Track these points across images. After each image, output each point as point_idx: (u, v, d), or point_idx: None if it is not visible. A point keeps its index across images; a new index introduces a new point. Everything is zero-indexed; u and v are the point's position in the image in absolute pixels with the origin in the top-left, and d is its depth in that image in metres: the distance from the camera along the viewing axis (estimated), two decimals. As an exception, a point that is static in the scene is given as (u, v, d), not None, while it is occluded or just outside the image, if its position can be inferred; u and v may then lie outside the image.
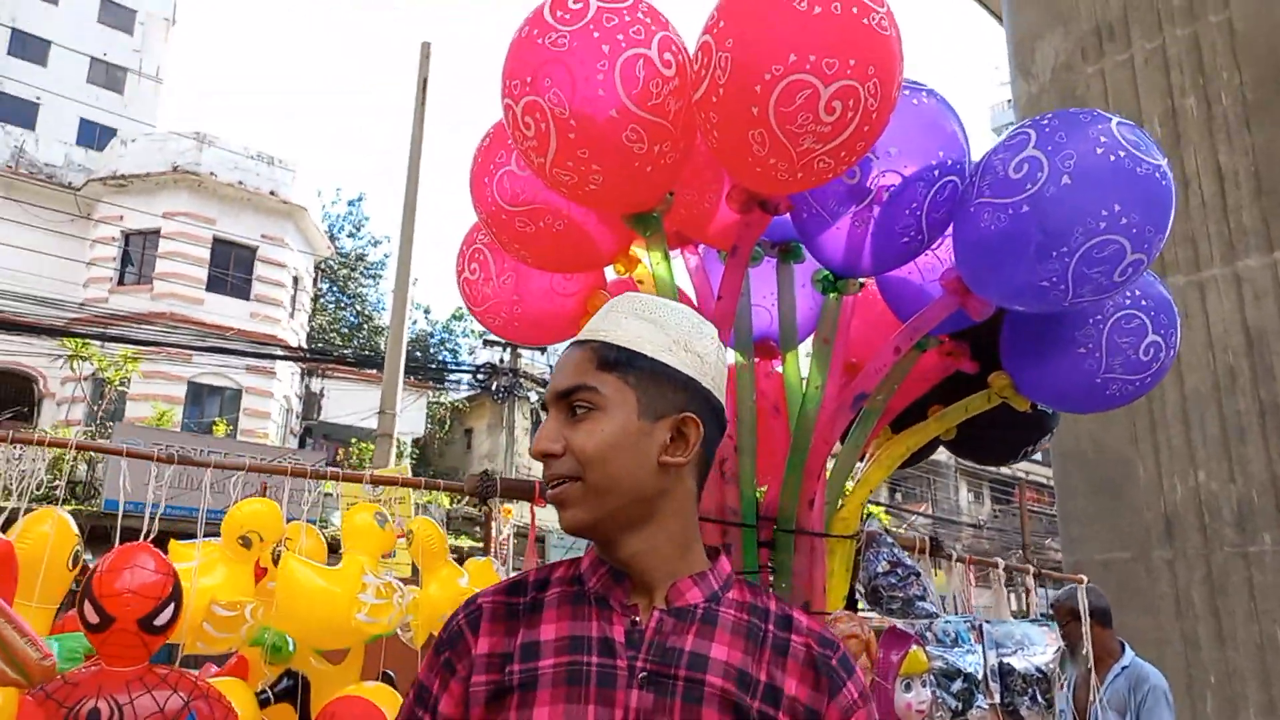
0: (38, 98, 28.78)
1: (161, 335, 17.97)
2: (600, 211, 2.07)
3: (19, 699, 1.34)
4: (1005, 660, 2.60)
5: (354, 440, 20.87)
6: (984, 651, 2.51)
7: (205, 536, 1.83)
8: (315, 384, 23.82)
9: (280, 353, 20.15)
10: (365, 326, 32.99)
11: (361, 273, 34.53)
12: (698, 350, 1.17)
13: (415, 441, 24.52)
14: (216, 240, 21.17)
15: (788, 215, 2.12)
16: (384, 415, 12.34)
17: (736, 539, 2.06)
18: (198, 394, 19.96)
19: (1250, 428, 5.89)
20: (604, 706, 1.03)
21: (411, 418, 22.50)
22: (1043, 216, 1.85)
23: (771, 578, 2.10)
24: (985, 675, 2.49)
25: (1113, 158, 1.84)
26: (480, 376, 20.55)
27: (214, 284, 20.77)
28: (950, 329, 2.27)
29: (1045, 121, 1.94)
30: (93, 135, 27.97)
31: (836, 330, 2.18)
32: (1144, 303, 2.15)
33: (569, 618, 1.11)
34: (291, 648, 1.74)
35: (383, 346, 21.35)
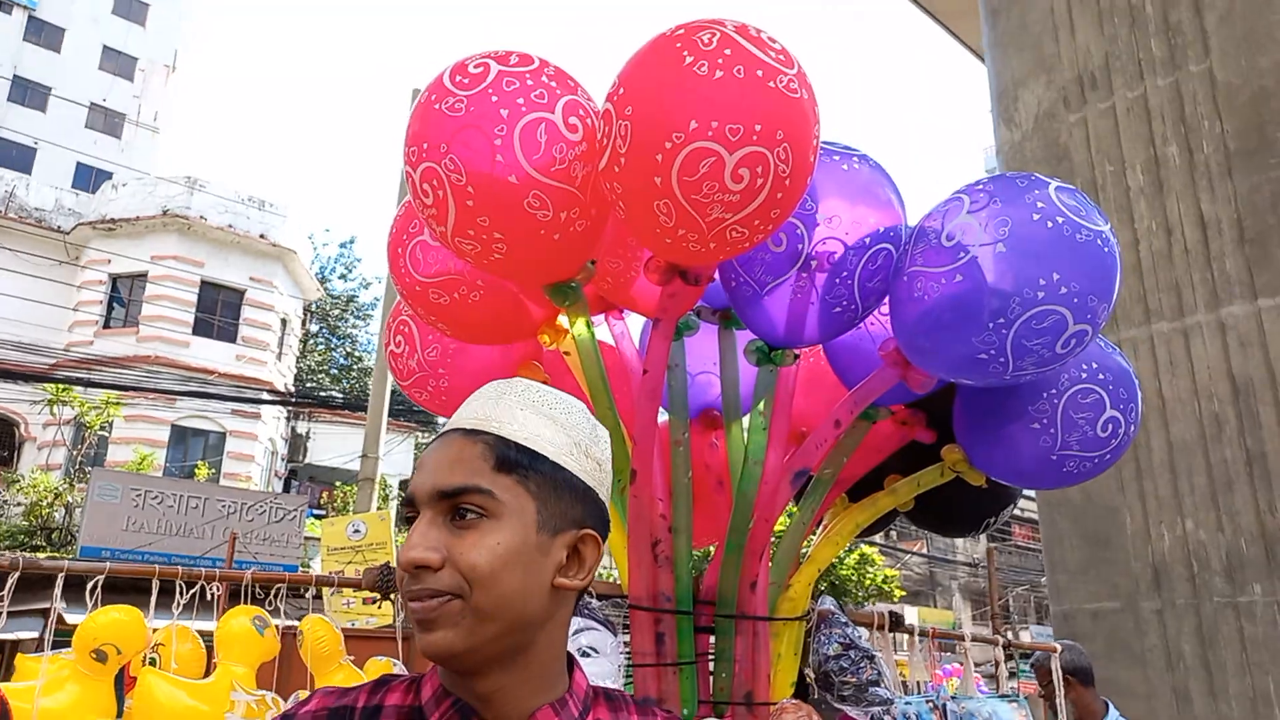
0: (35, 143, 28.95)
1: (145, 379, 17.82)
2: (517, 282, 1.96)
3: None
4: (971, 742, 2.46)
5: (339, 483, 20.64)
6: (947, 734, 2.37)
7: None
8: (301, 426, 23.63)
9: (266, 396, 20.00)
10: (355, 367, 32.86)
11: (353, 314, 34.48)
12: (597, 457, 1.02)
13: (401, 484, 24.29)
14: (205, 283, 21.11)
15: (726, 290, 2.02)
16: (366, 459, 12.18)
17: (671, 628, 1.92)
18: (181, 437, 19.76)
19: (1238, 477, 5.79)
20: None
21: (399, 459, 22.27)
22: (977, 286, 1.75)
23: (711, 666, 1.97)
24: (949, 759, 2.35)
25: (1050, 224, 1.75)
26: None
27: (200, 327, 20.67)
28: (902, 399, 2.16)
29: (980, 187, 1.85)
30: (88, 179, 28.09)
31: (774, 402, 2.06)
32: (1101, 376, 2.04)
33: None
34: (162, 767, 1.61)
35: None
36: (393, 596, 1.82)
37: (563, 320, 2.11)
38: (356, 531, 10.69)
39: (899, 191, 1.99)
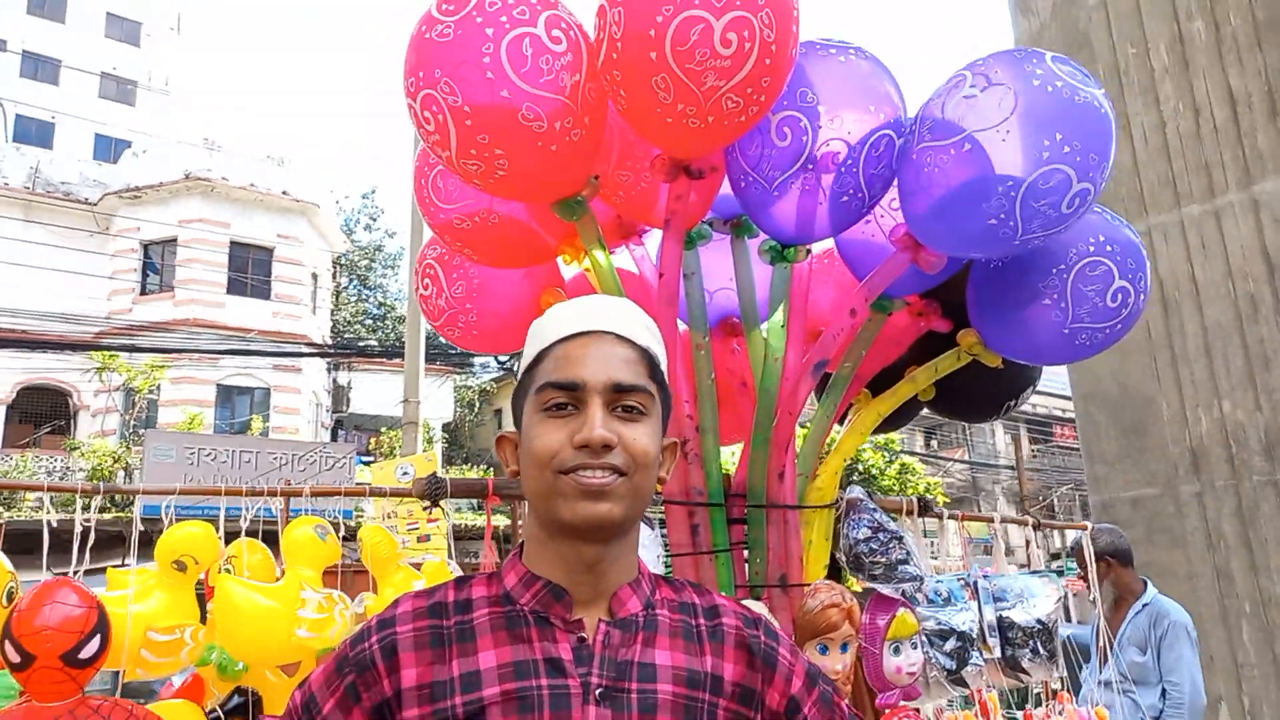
0: (52, 117, 29.08)
1: (186, 341, 18.21)
2: (526, 200, 2.03)
3: (-48, 739, 1.34)
4: (1005, 614, 2.56)
5: (384, 429, 21.08)
6: (979, 607, 2.46)
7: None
8: (342, 377, 24.05)
9: (304, 349, 20.34)
10: (389, 316, 33.20)
11: (381, 264, 34.71)
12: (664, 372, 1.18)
13: (445, 426, 24.73)
14: (233, 243, 21.36)
15: (735, 192, 2.07)
16: (408, 404, 12.43)
17: (704, 519, 2.02)
18: (227, 395, 20.25)
19: (1275, 355, 5.75)
20: None
21: (439, 403, 22.65)
22: (985, 152, 1.80)
23: (746, 554, 2.07)
24: (982, 630, 2.45)
25: (1050, 89, 1.81)
26: (504, 359, 20.61)
27: (234, 287, 21.00)
28: (916, 289, 2.21)
29: (980, 63, 1.88)
30: (108, 149, 28.25)
31: (791, 300, 2.12)
32: (1109, 248, 2.07)
33: (507, 641, 1.06)
34: (241, 666, 1.74)
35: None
36: (442, 504, 1.93)
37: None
38: (405, 474, 11.01)
39: (896, 82, 2.02)
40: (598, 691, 1.03)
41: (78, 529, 1.78)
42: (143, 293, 21.00)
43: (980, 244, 1.91)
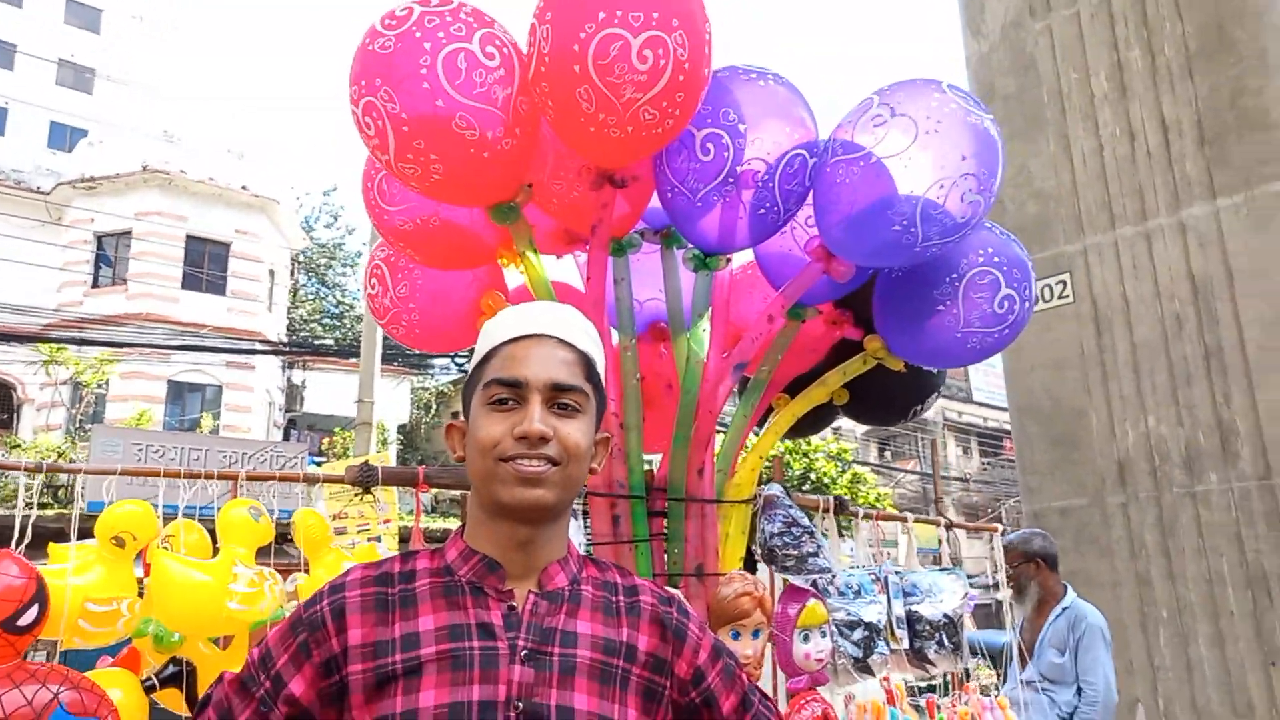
0: (6, 103, 28.45)
1: (137, 336, 17.94)
2: (460, 204, 2.15)
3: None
4: (913, 608, 2.71)
5: (338, 429, 20.94)
6: (889, 601, 2.62)
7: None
8: (297, 376, 23.83)
9: (258, 346, 20.14)
10: (346, 315, 32.93)
11: (340, 262, 34.43)
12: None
13: (400, 428, 24.59)
14: (190, 238, 21.08)
15: (663, 203, 2.20)
16: (362, 404, 12.39)
17: (626, 511, 2.15)
18: (178, 392, 19.97)
19: (1196, 372, 6.01)
20: (488, 684, 1.13)
21: (395, 404, 22.53)
22: (889, 170, 1.98)
23: (665, 544, 2.19)
24: (890, 622, 2.60)
25: (948, 109, 2.01)
26: (461, 360, 20.58)
27: (189, 281, 20.72)
28: (829, 298, 2.36)
29: (887, 89, 2.06)
30: (63, 138, 27.71)
31: (712, 306, 2.26)
32: (996, 259, 2.26)
33: (445, 608, 1.18)
34: (177, 638, 1.83)
35: (363, 335, 21.30)
36: (374, 492, 2.03)
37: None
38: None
39: (809, 107, 2.22)
40: (523, 653, 1.15)
41: (20, 507, 1.85)
42: (94, 285, 20.64)
43: (885, 253, 2.08)
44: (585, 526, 2.21)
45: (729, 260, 2.31)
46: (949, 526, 2.92)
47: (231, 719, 1.19)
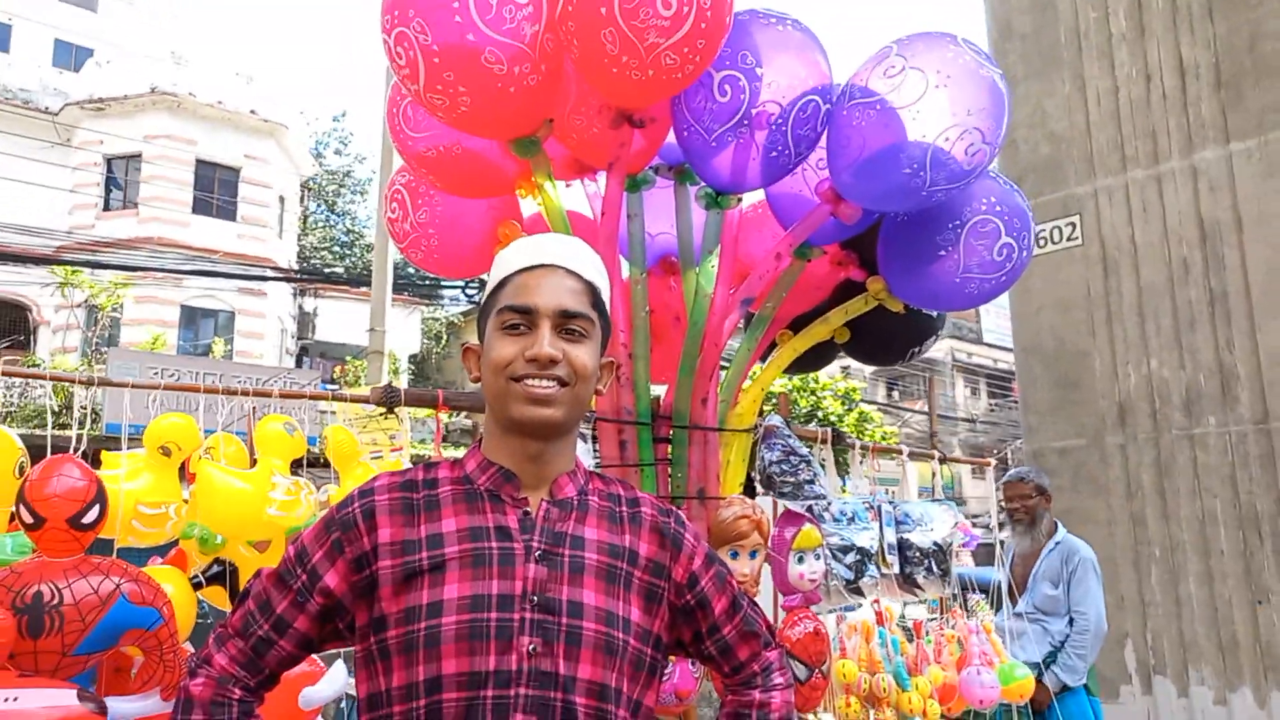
0: (10, 19, 28.04)
1: (150, 260, 18.05)
2: (485, 136, 2.22)
3: (-27, 586, 1.57)
4: (905, 536, 2.86)
5: (349, 358, 21.15)
6: (881, 528, 2.76)
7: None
8: (309, 303, 23.98)
9: (269, 273, 20.24)
10: (356, 243, 32.94)
11: (350, 189, 34.31)
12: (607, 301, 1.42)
13: (411, 358, 24.82)
14: (200, 161, 21.04)
15: (679, 141, 2.27)
16: (374, 333, 12.52)
17: (632, 436, 2.27)
18: (191, 317, 20.17)
19: (1200, 316, 6.06)
20: (505, 580, 1.26)
21: (406, 334, 22.72)
22: (903, 109, 2.05)
23: (670, 468, 2.32)
24: (882, 549, 2.74)
25: (960, 61, 2.08)
26: (472, 291, 20.66)
27: (199, 206, 20.75)
28: (836, 238, 2.44)
29: (904, 39, 2.12)
30: (69, 57, 27.41)
31: (721, 243, 2.35)
32: (998, 209, 2.34)
33: (465, 512, 1.31)
34: (220, 540, 1.98)
35: (373, 264, 21.36)
36: (396, 411, 2.16)
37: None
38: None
39: (825, 52, 2.27)
40: (537, 553, 1.28)
41: (76, 412, 1.99)
42: (105, 208, 20.68)
43: (894, 197, 2.16)
44: (594, 450, 2.33)
45: (740, 199, 2.39)
46: (943, 460, 3.04)
47: (270, 608, 1.32)
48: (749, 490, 2.53)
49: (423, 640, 1.23)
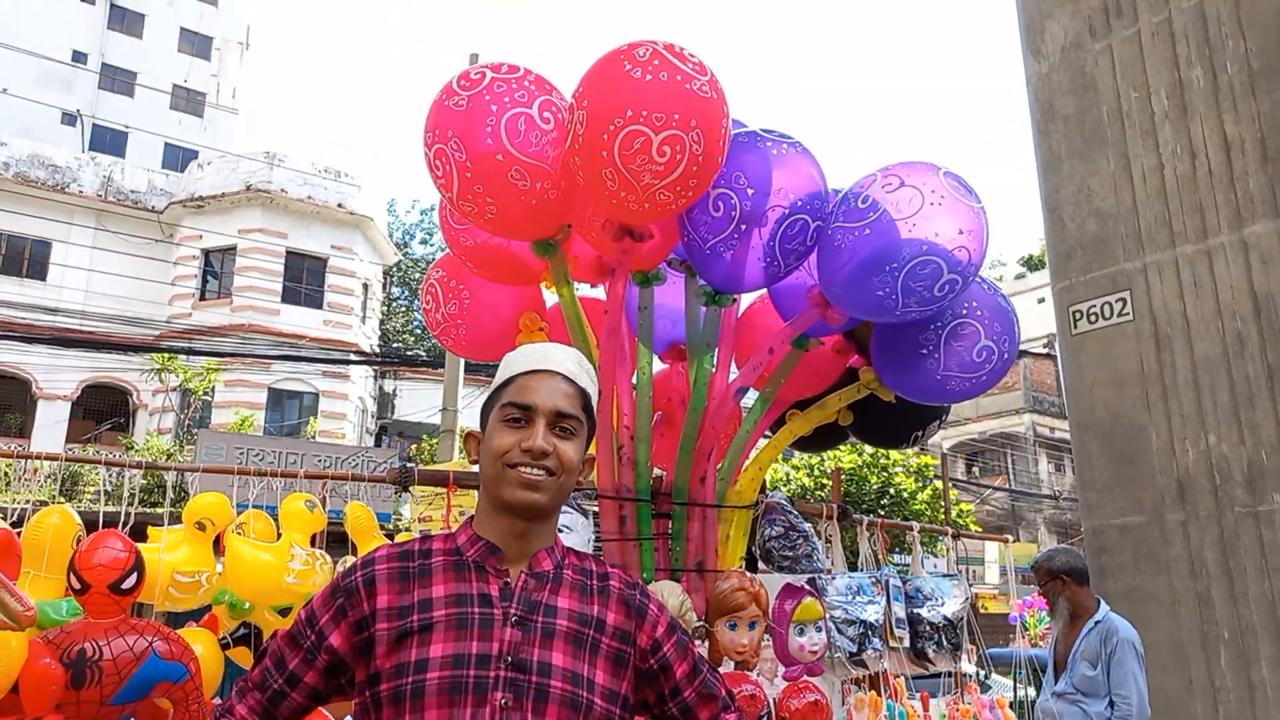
0: (126, 128, 30.43)
1: (241, 346, 19.03)
2: (508, 238, 2.51)
3: (29, 641, 1.82)
4: (915, 611, 2.92)
5: (425, 436, 21.73)
6: (888, 602, 2.83)
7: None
8: (388, 385, 24.82)
9: (352, 357, 21.09)
10: (437, 328, 33.92)
11: (432, 276, 35.53)
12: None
13: (484, 435, 25.22)
14: (289, 253, 22.27)
15: (683, 245, 2.52)
16: (446, 412, 12.98)
17: (631, 512, 2.44)
18: (277, 399, 21.09)
19: (1259, 391, 5.94)
20: (484, 641, 1.44)
21: (477, 412, 23.19)
22: (879, 238, 2.23)
23: (670, 542, 2.47)
24: (889, 622, 2.82)
25: (937, 196, 2.26)
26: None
27: (288, 295, 21.88)
28: (835, 331, 2.63)
29: (891, 167, 2.35)
30: (176, 159, 29.54)
31: (719, 335, 2.55)
32: (979, 312, 2.50)
33: (454, 580, 1.50)
34: (248, 605, 2.21)
35: (449, 346, 21.95)
36: (410, 489, 2.37)
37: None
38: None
39: (821, 171, 2.48)
40: (513, 619, 1.46)
41: (125, 495, 2.26)
42: (202, 298, 21.99)
43: (871, 310, 2.35)
44: (595, 524, 2.50)
45: (734, 299, 2.61)
46: (956, 536, 3.10)
47: (284, 665, 1.53)
48: (749, 564, 2.65)
49: (409, 693, 1.40)
